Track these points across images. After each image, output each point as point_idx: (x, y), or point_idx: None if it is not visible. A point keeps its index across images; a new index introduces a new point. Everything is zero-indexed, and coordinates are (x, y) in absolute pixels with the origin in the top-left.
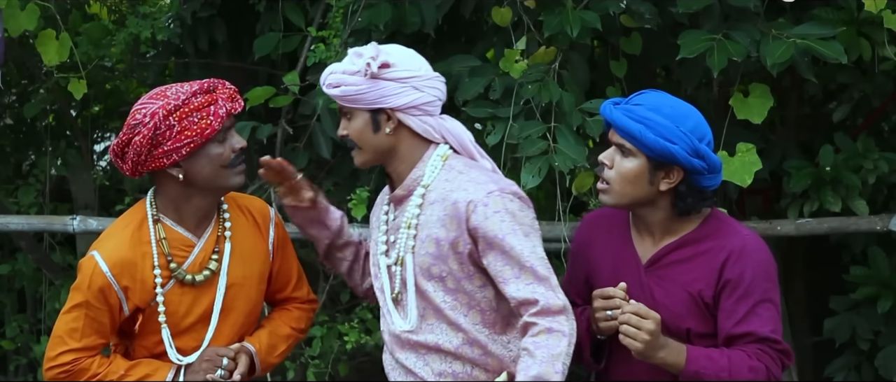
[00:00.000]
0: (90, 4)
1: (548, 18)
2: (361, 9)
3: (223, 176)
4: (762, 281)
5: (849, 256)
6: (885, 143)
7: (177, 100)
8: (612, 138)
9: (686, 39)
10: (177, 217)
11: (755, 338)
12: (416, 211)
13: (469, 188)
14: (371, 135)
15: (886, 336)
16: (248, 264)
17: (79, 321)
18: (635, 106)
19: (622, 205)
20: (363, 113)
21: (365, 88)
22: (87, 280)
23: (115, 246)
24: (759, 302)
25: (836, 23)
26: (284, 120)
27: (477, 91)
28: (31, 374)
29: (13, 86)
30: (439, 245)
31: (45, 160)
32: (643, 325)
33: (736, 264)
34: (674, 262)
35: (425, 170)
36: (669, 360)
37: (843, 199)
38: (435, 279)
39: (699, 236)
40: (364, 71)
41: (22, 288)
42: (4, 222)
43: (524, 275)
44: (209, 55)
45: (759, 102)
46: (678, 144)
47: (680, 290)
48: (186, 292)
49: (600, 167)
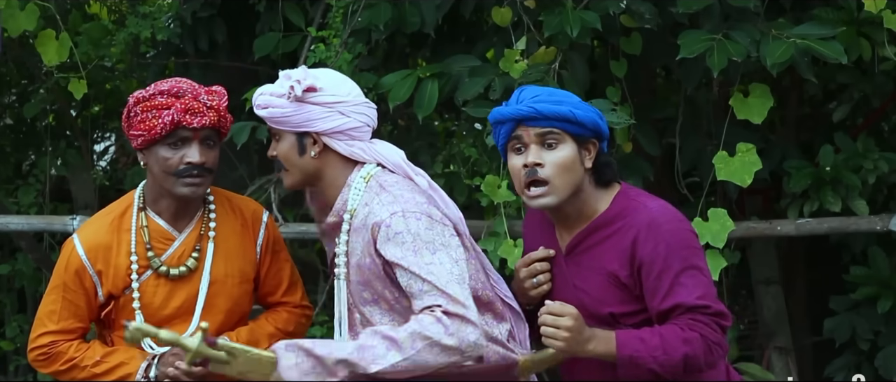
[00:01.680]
0: (90, 4)
1: (548, 18)
2: (361, 9)
3: (169, 181)
4: (679, 250)
5: (849, 256)
6: (885, 143)
7: (145, 93)
8: (529, 134)
9: (686, 39)
10: (156, 209)
11: (684, 309)
12: (345, 237)
13: (377, 210)
14: (297, 157)
15: (886, 336)
16: (231, 263)
17: (57, 303)
18: (537, 96)
19: (564, 200)
20: (289, 135)
21: (290, 111)
22: (64, 262)
23: (94, 231)
24: (681, 272)
25: (836, 23)
26: None
27: (477, 91)
28: (31, 374)
29: (13, 86)
30: (363, 271)
31: (45, 160)
32: (560, 323)
33: (646, 241)
34: (589, 247)
35: (349, 195)
36: (599, 350)
37: (843, 199)
38: (370, 303)
39: (609, 217)
40: (288, 94)
41: (22, 288)
42: (4, 222)
43: (426, 288)
44: (209, 55)
45: (759, 102)
46: (592, 113)
47: (596, 275)
48: (162, 284)
49: (531, 170)
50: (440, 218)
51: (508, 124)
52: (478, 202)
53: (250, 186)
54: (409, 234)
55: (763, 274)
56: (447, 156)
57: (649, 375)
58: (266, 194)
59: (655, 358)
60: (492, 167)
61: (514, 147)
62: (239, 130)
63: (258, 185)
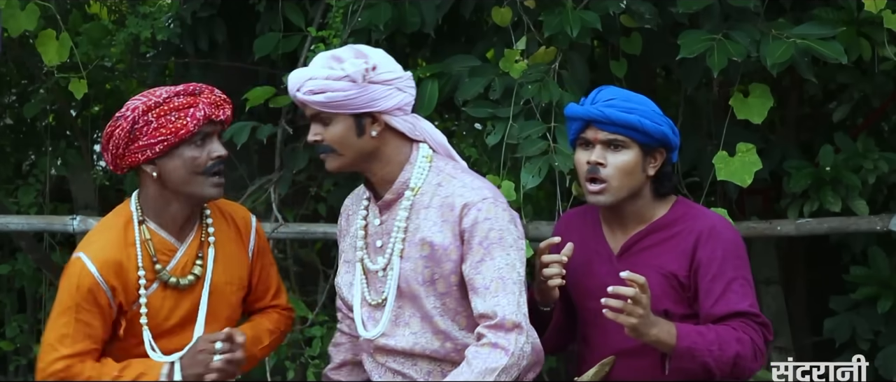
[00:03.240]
0: (90, 4)
1: (548, 18)
2: (361, 9)
3: (197, 182)
4: (733, 259)
5: (849, 256)
6: (885, 143)
7: (159, 98)
8: (597, 136)
9: (686, 39)
10: (159, 221)
11: (735, 314)
12: (405, 214)
13: (465, 192)
14: (354, 139)
15: (886, 336)
16: (230, 270)
17: (69, 326)
18: (612, 99)
19: (619, 200)
20: (346, 117)
21: (354, 93)
22: (74, 282)
23: (102, 247)
24: (733, 280)
25: (836, 23)
26: (284, 120)
27: (477, 91)
28: (30, 374)
29: (13, 86)
30: (434, 248)
31: (45, 160)
32: (642, 299)
33: (706, 244)
34: (646, 247)
35: (413, 172)
36: (662, 337)
37: (843, 199)
38: (426, 283)
39: (668, 221)
40: (361, 76)
41: (22, 288)
42: (4, 222)
43: (492, 287)
44: (209, 55)
45: (759, 102)
46: (663, 125)
47: (654, 273)
48: (169, 295)
49: (593, 168)
50: (517, 216)
51: (579, 122)
52: None
53: (250, 186)
54: (498, 223)
55: (763, 274)
56: None
57: (701, 370)
58: (266, 194)
59: (711, 352)
60: (492, 167)
61: (582, 143)
62: (239, 130)
63: (258, 185)
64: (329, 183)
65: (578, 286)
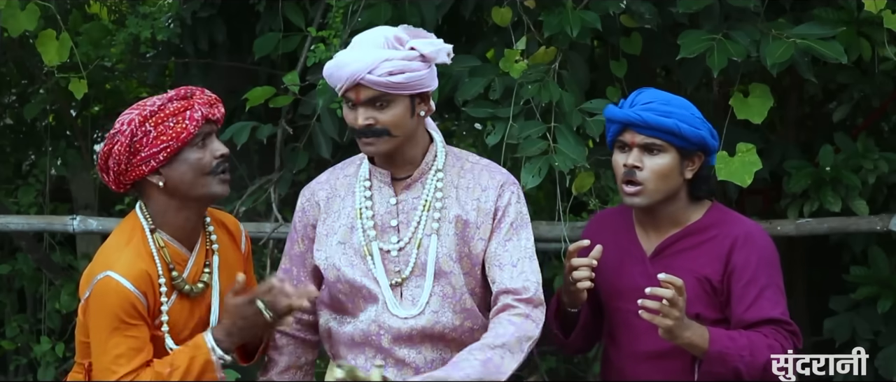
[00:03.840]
0: (90, 4)
1: (548, 18)
2: (361, 9)
3: (205, 183)
4: (767, 267)
5: (849, 256)
6: (885, 143)
7: (152, 107)
8: (634, 139)
9: (686, 39)
10: (169, 230)
11: (767, 320)
12: (438, 194)
13: (494, 173)
14: (408, 120)
15: (886, 336)
16: (232, 276)
17: (121, 346)
18: (650, 103)
19: (655, 203)
20: (404, 99)
21: (426, 73)
22: (112, 301)
23: (129, 261)
24: (766, 287)
25: (836, 23)
26: (284, 120)
27: (477, 91)
28: (30, 374)
29: (13, 86)
30: (467, 226)
31: (45, 160)
32: (679, 302)
33: (741, 250)
34: (679, 251)
35: (438, 152)
36: (695, 340)
37: (843, 199)
38: (454, 260)
39: (704, 225)
40: (435, 55)
41: (22, 288)
42: (4, 222)
43: (520, 264)
44: (209, 55)
45: (759, 102)
46: (702, 129)
47: (687, 276)
48: (184, 304)
49: (629, 171)
50: None
51: (617, 125)
52: None
53: (250, 186)
54: (523, 206)
55: None
56: None
57: (732, 374)
58: (266, 194)
59: (742, 357)
60: None
61: (619, 145)
62: (239, 130)
63: (258, 185)
64: None
65: (610, 286)
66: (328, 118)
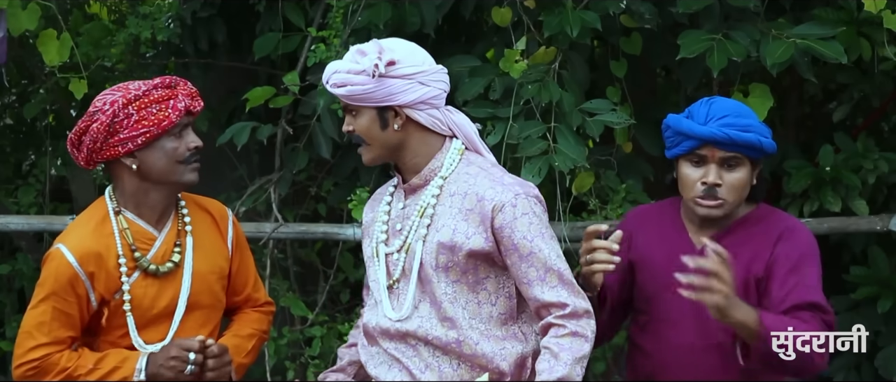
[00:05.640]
0: (90, 4)
1: (548, 18)
2: (361, 9)
3: (177, 171)
4: (810, 259)
5: (849, 256)
6: (885, 143)
7: (137, 91)
8: (714, 155)
9: (686, 39)
10: (137, 211)
11: (807, 304)
12: (433, 200)
13: (497, 188)
14: (379, 131)
15: (886, 336)
16: (210, 259)
17: (46, 315)
18: (726, 117)
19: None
20: (369, 110)
21: (372, 88)
22: (53, 272)
23: (80, 238)
24: (808, 276)
25: (836, 23)
26: (284, 120)
27: (477, 91)
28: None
29: (13, 87)
30: (455, 234)
31: (45, 160)
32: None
33: (787, 241)
34: (730, 245)
35: (444, 160)
36: (746, 320)
37: (843, 199)
38: (440, 268)
39: (751, 220)
40: (371, 71)
41: (22, 288)
42: (4, 222)
43: (549, 278)
44: (209, 55)
45: (759, 102)
46: (770, 137)
47: (740, 269)
48: (151, 283)
49: (709, 189)
50: (545, 205)
51: (694, 141)
52: None
53: (250, 186)
54: (536, 217)
55: None
56: None
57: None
58: (266, 194)
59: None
60: None
61: (693, 160)
62: (239, 130)
63: (258, 185)
64: (329, 183)
65: (660, 280)
66: (328, 118)
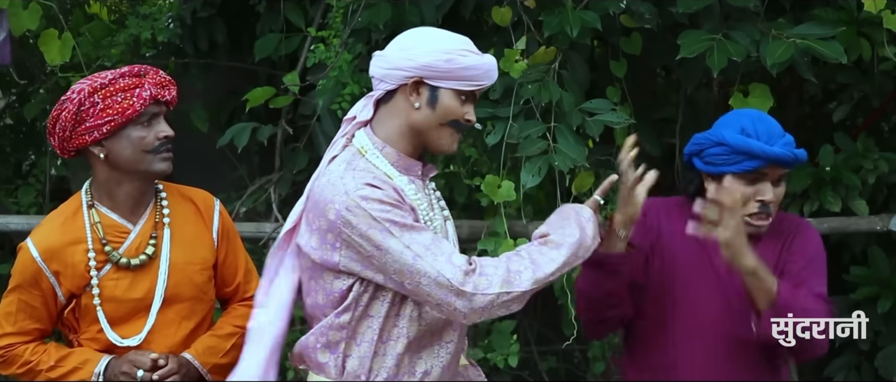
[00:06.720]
0: (90, 4)
1: (548, 18)
2: (361, 9)
3: (146, 160)
4: (819, 259)
5: (849, 256)
6: (885, 143)
7: (103, 80)
8: (776, 174)
9: (686, 39)
10: (110, 203)
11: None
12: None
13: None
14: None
15: (886, 336)
16: (190, 250)
17: (13, 305)
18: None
19: None
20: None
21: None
22: (21, 265)
23: (46, 233)
24: (816, 272)
25: (836, 23)
26: (284, 120)
27: None
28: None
29: (13, 87)
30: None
31: (45, 160)
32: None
33: (798, 240)
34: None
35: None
36: (759, 271)
37: (843, 199)
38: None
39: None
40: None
41: None
42: (4, 222)
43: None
44: (209, 55)
45: (759, 102)
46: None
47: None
48: (123, 276)
49: (765, 206)
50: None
51: (761, 161)
52: (478, 202)
53: (250, 186)
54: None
55: None
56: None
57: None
58: (266, 194)
59: (805, 310)
60: (492, 167)
61: (750, 177)
62: (239, 131)
63: (258, 185)
64: None
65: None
66: (328, 118)
